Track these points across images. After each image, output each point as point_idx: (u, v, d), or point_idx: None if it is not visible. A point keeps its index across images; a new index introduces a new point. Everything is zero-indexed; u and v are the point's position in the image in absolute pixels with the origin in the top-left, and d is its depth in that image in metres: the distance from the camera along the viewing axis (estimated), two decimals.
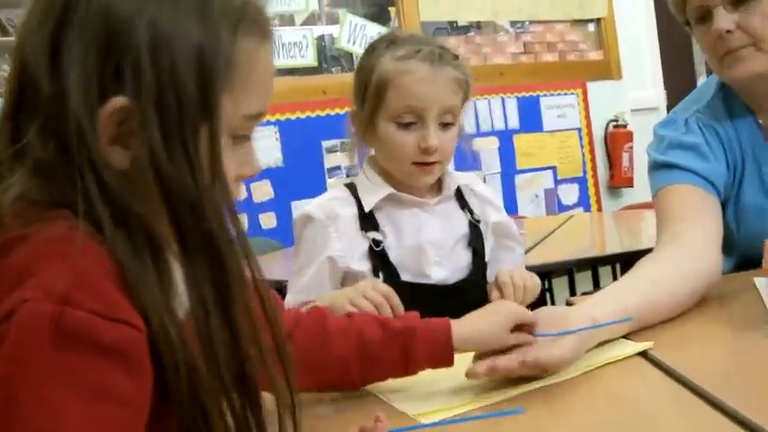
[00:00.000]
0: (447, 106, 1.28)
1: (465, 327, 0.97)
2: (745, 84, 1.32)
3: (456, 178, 1.39)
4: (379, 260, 1.28)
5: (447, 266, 1.32)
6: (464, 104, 1.34)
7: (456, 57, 1.31)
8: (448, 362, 0.95)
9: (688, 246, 1.20)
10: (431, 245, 1.31)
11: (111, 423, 0.55)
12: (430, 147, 1.26)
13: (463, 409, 0.86)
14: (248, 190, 3.96)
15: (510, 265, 1.35)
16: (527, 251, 2.25)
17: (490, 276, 1.36)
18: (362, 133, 1.33)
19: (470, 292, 1.30)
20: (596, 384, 0.90)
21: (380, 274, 1.27)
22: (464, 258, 1.35)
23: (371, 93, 1.28)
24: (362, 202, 1.32)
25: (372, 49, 1.32)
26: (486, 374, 0.92)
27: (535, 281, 1.25)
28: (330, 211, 1.31)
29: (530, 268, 1.52)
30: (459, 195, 1.40)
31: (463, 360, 1.02)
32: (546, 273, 2.98)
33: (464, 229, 1.36)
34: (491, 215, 1.41)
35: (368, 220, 1.31)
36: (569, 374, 0.93)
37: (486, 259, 1.38)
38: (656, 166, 1.37)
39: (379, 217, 1.32)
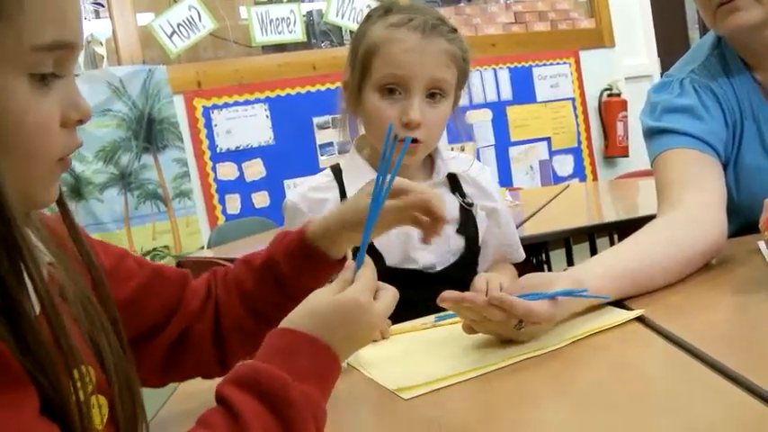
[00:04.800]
0: (435, 78, 1.22)
1: (324, 217, 0.92)
2: (741, 37, 1.27)
3: (449, 163, 1.34)
4: None
5: (434, 251, 1.28)
6: (461, 83, 1.29)
7: (453, 30, 1.25)
8: (319, 258, 0.90)
9: (688, 211, 1.17)
10: (417, 229, 1.27)
11: None
12: (412, 120, 1.20)
13: (447, 381, 0.83)
14: (240, 169, 3.92)
15: (496, 244, 1.35)
16: (522, 222, 2.22)
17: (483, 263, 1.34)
18: (351, 104, 1.29)
19: (460, 278, 1.23)
20: (596, 352, 0.87)
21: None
22: (454, 243, 1.30)
23: (359, 61, 1.24)
24: (345, 189, 1.28)
25: (368, 17, 1.28)
26: (454, 305, 0.89)
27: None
28: (313, 202, 1.28)
29: (526, 239, 1.49)
30: (453, 180, 1.35)
31: (446, 333, 0.99)
32: (542, 244, 2.97)
33: (454, 213, 1.31)
34: (486, 203, 1.36)
35: None
36: (561, 342, 0.90)
37: (480, 243, 1.34)
38: (652, 133, 1.33)
39: None
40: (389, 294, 0.77)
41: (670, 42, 4.96)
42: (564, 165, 4.72)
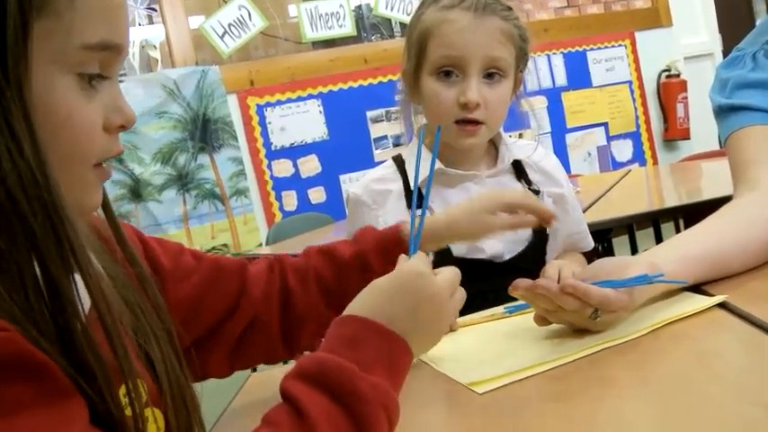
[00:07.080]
0: (491, 57, 1.19)
1: (431, 218, 0.92)
2: None
3: (513, 150, 1.31)
4: None
5: (502, 239, 1.25)
6: (520, 61, 1.26)
7: (508, 8, 1.23)
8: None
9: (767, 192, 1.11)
10: None
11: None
12: (470, 101, 1.18)
13: (522, 374, 0.80)
14: (295, 165, 3.94)
15: (565, 233, 1.32)
16: (585, 210, 2.17)
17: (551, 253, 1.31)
18: (410, 92, 1.27)
19: (528, 268, 1.20)
20: (678, 340, 0.83)
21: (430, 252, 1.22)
22: (522, 232, 1.27)
23: (414, 47, 1.23)
24: (409, 179, 1.27)
25: (421, 4, 1.27)
26: (526, 293, 0.87)
27: None
28: (376, 194, 1.28)
29: (589, 227, 1.45)
30: (517, 167, 1.32)
31: (518, 326, 0.96)
32: (605, 231, 2.90)
33: None
34: (553, 189, 1.33)
35: None
36: (639, 331, 0.85)
37: (548, 231, 1.30)
38: (723, 111, 1.27)
39: None
40: (448, 270, 0.75)
41: (732, 18, 4.79)
42: (623, 150, 4.62)
